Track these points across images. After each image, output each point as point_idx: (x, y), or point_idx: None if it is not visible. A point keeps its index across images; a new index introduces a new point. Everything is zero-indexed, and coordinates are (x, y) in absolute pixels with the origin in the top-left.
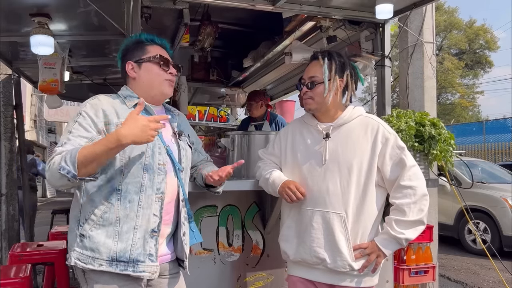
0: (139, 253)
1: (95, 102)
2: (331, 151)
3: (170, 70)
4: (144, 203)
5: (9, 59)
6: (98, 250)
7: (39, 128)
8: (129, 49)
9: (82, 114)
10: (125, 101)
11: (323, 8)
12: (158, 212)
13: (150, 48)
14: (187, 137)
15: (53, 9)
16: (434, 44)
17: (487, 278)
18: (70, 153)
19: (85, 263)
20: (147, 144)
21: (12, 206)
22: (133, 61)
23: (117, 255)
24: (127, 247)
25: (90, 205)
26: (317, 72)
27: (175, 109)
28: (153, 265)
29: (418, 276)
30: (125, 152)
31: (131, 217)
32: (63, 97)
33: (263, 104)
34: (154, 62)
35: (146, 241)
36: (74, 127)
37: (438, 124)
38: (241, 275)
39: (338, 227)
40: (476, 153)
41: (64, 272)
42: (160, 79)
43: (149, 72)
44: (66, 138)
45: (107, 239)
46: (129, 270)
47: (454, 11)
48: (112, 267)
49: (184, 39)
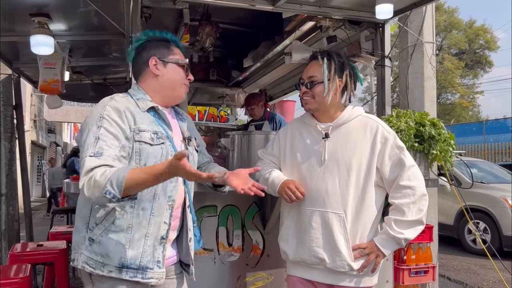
0: (148, 261)
1: (115, 105)
2: (330, 151)
3: (189, 76)
4: (156, 211)
5: (9, 59)
6: (109, 256)
7: (39, 128)
8: (153, 45)
9: (105, 119)
10: (138, 104)
11: (323, 8)
12: (168, 220)
13: (176, 50)
14: (194, 141)
15: (53, 9)
16: (434, 44)
17: (487, 278)
18: (117, 178)
19: (93, 268)
20: (161, 151)
21: (12, 206)
22: (159, 58)
23: (127, 262)
24: (137, 255)
25: (102, 209)
26: (316, 72)
27: (183, 112)
28: (160, 272)
29: (418, 276)
30: (141, 160)
31: (143, 225)
32: (63, 97)
33: (263, 104)
34: (181, 65)
35: (155, 248)
36: (101, 134)
37: (438, 124)
38: (241, 275)
39: (337, 227)
40: (476, 153)
41: (64, 272)
42: (181, 82)
43: (175, 74)
44: (98, 147)
45: (118, 246)
46: (139, 277)
47: (454, 11)
48: (122, 274)
49: (184, 39)
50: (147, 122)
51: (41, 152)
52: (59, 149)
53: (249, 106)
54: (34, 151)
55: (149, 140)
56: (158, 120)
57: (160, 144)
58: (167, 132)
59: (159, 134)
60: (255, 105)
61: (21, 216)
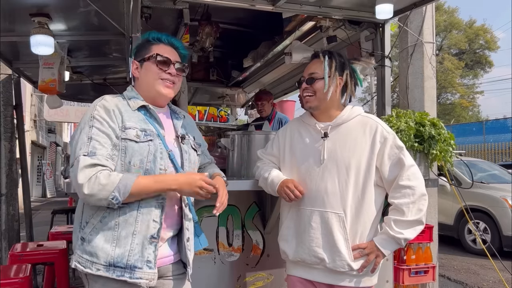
0: (136, 259)
1: (104, 104)
2: (329, 150)
3: (169, 70)
4: (144, 209)
5: (9, 59)
6: (96, 254)
7: (39, 128)
8: (138, 49)
9: (96, 118)
10: (129, 103)
11: (323, 8)
12: (158, 218)
13: (154, 47)
14: (191, 140)
15: (53, 9)
16: (434, 44)
17: (487, 278)
18: (125, 185)
19: (84, 266)
20: (148, 149)
21: (12, 206)
22: (137, 61)
23: (114, 260)
24: (124, 253)
25: (90, 208)
26: (317, 69)
27: (181, 111)
28: (151, 272)
29: (418, 276)
30: (126, 157)
31: (130, 223)
32: (63, 97)
33: (272, 103)
34: (152, 61)
35: (144, 247)
36: (93, 133)
37: (438, 124)
38: (241, 275)
39: (336, 227)
40: (476, 153)
41: (64, 272)
42: (155, 78)
43: (147, 72)
44: (91, 147)
45: (105, 244)
46: (126, 276)
47: (454, 11)
48: (109, 272)
49: (184, 39)
50: (135, 120)
51: (41, 152)
52: (59, 149)
53: (260, 101)
54: (34, 151)
55: (135, 138)
56: (149, 119)
57: (147, 141)
58: (158, 130)
59: (148, 131)
60: (266, 101)
61: (21, 216)
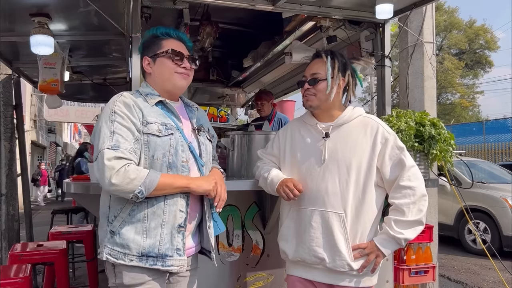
0: (167, 248)
1: (124, 100)
2: (330, 150)
3: (183, 64)
4: (170, 200)
5: (9, 59)
6: (128, 246)
7: (39, 128)
8: (146, 45)
9: (117, 113)
10: (147, 99)
11: (323, 8)
12: (184, 208)
13: (165, 42)
14: (206, 131)
15: (53, 9)
16: (434, 44)
17: (487, 278)
18: (152, 181)
19: (116, 258)
20: (170, 142)
21: (12, 206)
22: (149, 57)
23: (146, 250)
24: (155, 243)
25: (118, 203)
26: (320, 69)
27: (193, 104)
28: (181, 259)
29: (418, 276)
30: (149, 151)
31: (158, 214)
32: (63, 97)
33: (272, 103)
34: (167, 57)
35: (173, 236)
36: (116, 127)
37: (438, 124)
38: (241, 275)
39: (337, 227)
40: (476, 153)
41: (64, 272)
42: (171, 73)
43: (162, 67)
44: (114, 140)
45: (136, 236)
46: (158, 265)
47: (454, 11)
48: (142, 262)
49: None
50: (155, 115)
51: (41, 152)
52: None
53: (259, 101)
54: (34, 151)
55: (157, 132)
56: (167, 113)
57: (169, 135)
58: (177, 124)
59: (168, 125)
60: (266, 101)
61: (21, 216)
